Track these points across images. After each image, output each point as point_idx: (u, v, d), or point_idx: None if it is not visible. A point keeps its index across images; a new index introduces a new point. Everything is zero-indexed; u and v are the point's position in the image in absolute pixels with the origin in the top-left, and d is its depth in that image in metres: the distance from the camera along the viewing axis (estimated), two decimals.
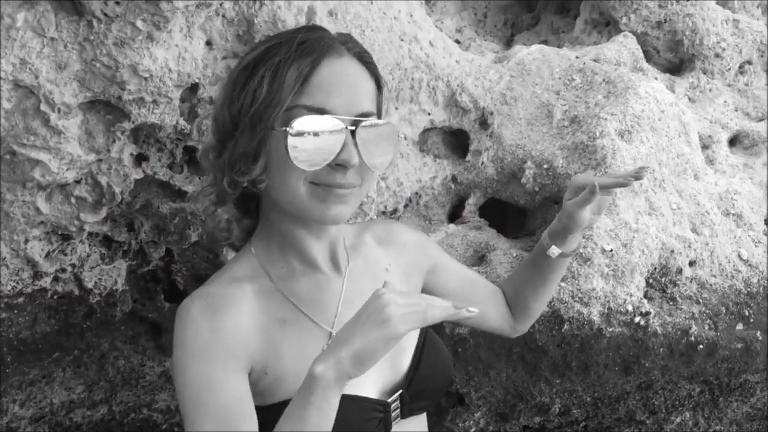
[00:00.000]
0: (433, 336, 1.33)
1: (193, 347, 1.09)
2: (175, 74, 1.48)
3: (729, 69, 2.13)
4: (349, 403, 1.13)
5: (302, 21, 1.57)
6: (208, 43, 1.54)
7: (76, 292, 1.72)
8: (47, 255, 1.63)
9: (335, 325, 1.20)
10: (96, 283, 1.73)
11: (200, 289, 1.18)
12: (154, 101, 1.49)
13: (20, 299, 1.64)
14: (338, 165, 1.08)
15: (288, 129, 1.06)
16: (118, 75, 1.42)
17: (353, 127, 1.07)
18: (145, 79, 1.44)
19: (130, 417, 2.26)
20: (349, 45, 1.15)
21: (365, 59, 1.16)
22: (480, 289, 1.51)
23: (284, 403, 1.06)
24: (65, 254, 1.67)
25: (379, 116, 1.21)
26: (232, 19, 1.53)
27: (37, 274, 1.64)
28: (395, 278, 1.34)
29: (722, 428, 2.10)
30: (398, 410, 1.22)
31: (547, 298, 1.52)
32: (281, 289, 1.20)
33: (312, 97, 1.07)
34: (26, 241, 1.57)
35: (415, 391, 1.23)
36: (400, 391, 1.22)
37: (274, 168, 1.11)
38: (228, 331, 1.11)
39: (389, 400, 1.20)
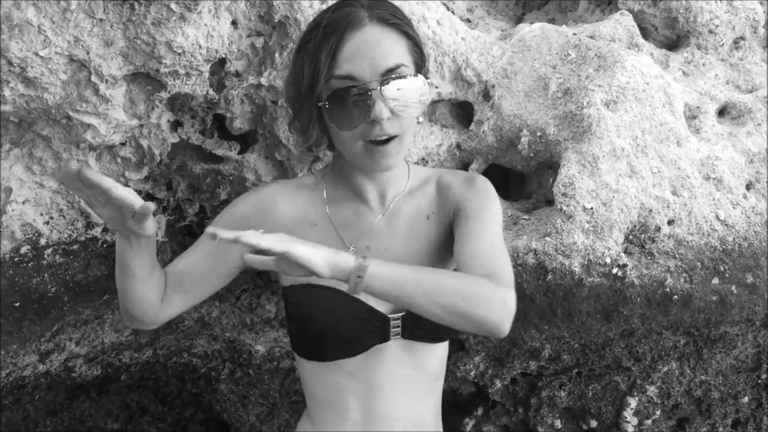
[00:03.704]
0: None
1: (234, 204, 1.53)
2: (204, 50, 1.72)
3: (723, 44, 2.26)
4: (350, 302, 1.40)
5: (316, 2, 1.78)
6: (233, 23, 1.77)
7: None
8: None
9: (357, 245, 1.46)
10: None
11: (270, 183, 1.62)
12: (187, 74, 1.73)
13: (75, 246, 1.91)
14: (373, 121, 1.30)
15: (324, 104, 1.31)
16: (156, 51, 1.66)
17: (376, 87, 1.28)
18: (179, 54, 1.68)
19: (172, 360, 2.53)
20: (373, 11, 1.34)
21: (389, 21, 1.34)
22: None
23: (290, 288, 1.45)
24: None
25: (418, 64, 1.39)
26: (254, 1, 1.76)
27: (90, 225, 1.90)
28: (433, 225, 1.53)
29: (708, 378, 2.26)
30: (399, 329, 1.45)
31: None
32: (327, 205, 1.50)
33: (340, 67, 1.30)
34: None
35: (415, 318, 1.40)
36: (402, 313, 1.44)
37: (332, 132, 1.38)
38: (257, 209, 1.48)
39: (389, 315, 1.43)
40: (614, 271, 1.87)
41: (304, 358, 1.51)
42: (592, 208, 1.84)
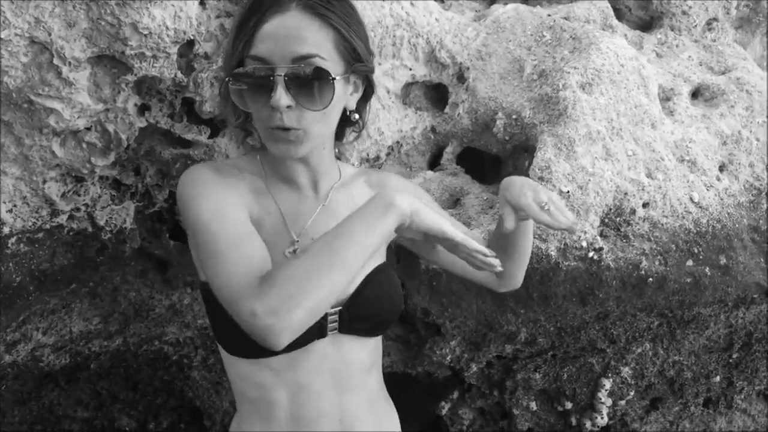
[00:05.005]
0: (386, 270, 1.50)
1: (204, 184, 1.32)
2: (172, 31, 1.66)
3: (696, 26, 2.26)
4: None
5: None
6: (202, 3, 1.71)
7: (90, 229, 1.93)
8: (63, 195, 1.83)
9: (300, 236, 1.40)
10: (107, 221, 1.94)
11: (204, 162, 1.40)
12: (154, 56, 1.67)
13: (40, 234, 1.85)
14: (273, 108, 1.25)
15: (228, 79, 1.27)
16: (121, 32, 1.60)
17: (281, 73, 1.23)
18: (145, 35, 1.62)
19: (143, 348, 2.49)
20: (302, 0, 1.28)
21: (316, 10, 1.27)
22: None
23: None
24: (79, 195, 1.87)
25: (348, 60, 1.33)
26: None
27: (55, 212, 1.84)
28: None
29: (681, 359, 2.28)
30: (336, 323, 1.41)
31: (520, 259, 1.58)
32: (271, 191, 1.42)
33: (255, 48, 1.25)
34: (44, 181, 1.77)
35: (354, 312, 1.41)
36: (339, 308, 1.40)
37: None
38: (233, 185, 1.35)
39: (327, 311, 1.38)
40: (590, 254, 1.87)
41: (233, 355, 1.42)
42: (568, 192, 1.83)
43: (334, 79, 1.27)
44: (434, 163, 2.19)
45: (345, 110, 1.39)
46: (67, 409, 2.93)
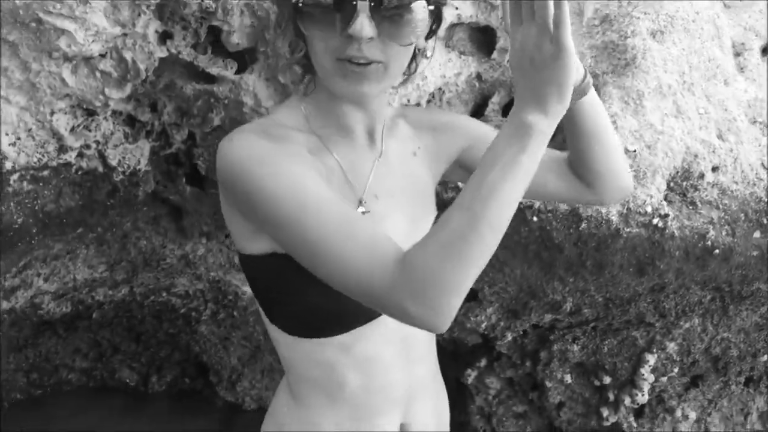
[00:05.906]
0: None
1: (265, 161, 1.06)
2: None
3: None
4: None
5: None
6: None
7: (101, 169, 1.75)
8: (72, 129, 1.65)
9: (365, 193, 1.22)
10: (120, 161, 1.76)
11: (244, 126, 1.16)
12: None
13: (45, 172, 1.67)
14: (351, 37, 1.04)
15: (299, 2, 1.05)
16: None
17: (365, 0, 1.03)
18: None
19: (149, 299, 2.34)
20: None
21: None
22: None
23: (270, 256, 1.13)
24: (89, 130, 1.68)
25: None
26: None
27: (63, 148, 1.66)
28: (422, 163, 1.35)
29: (730, 336, 2.14)
30: None
31: (603, 152, 1.31)
32: (326, 145, 1.20)
33: None
34: (52, 113, 1.58)
35: None
36: None
37: (308, 39, 1.11)
38: (294, 151, 1.12)
39: None
40: (654, 221, 1.70)
41: (294, 335, 1.25)
42: (635, 151, 1.66)
43: (428, 8, 1.07)
44: (478, 114, 2.00)
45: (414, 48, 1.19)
46: (65, 358, 2.81)
